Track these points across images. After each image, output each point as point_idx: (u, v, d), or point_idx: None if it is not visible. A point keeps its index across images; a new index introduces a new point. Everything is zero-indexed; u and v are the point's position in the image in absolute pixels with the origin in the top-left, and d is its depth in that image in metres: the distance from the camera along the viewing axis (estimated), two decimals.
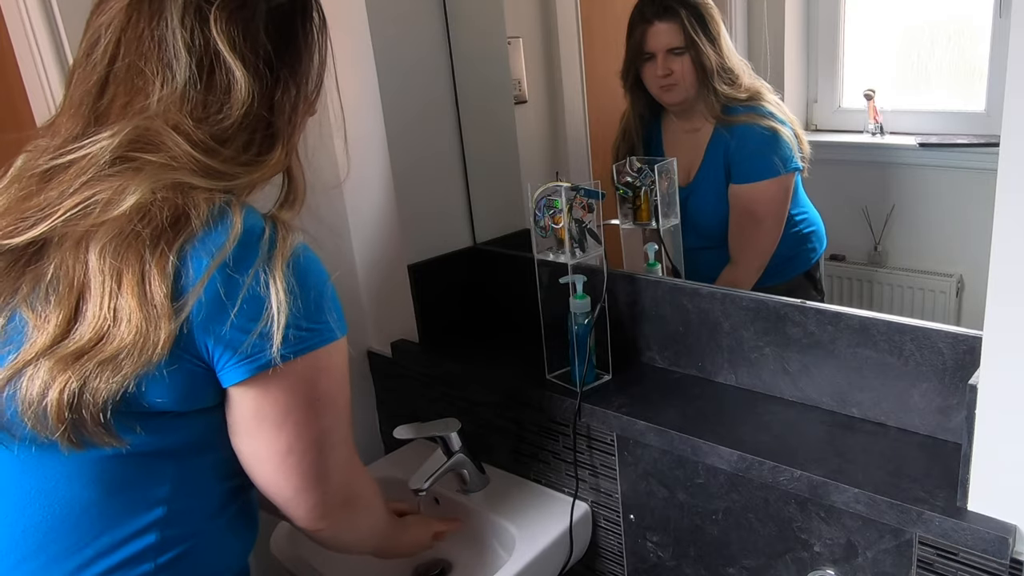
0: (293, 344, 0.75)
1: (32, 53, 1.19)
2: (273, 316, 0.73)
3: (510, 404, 1.34)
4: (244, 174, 0.80)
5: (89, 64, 0.80)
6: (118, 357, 0.71)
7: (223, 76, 0.79)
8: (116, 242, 0.71)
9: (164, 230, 0.72)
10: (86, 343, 0.71)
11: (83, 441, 0.74)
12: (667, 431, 1.08)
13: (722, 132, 1.36)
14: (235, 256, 0.73)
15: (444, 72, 1.42)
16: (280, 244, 0.75)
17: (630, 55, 1.38)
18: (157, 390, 0.74)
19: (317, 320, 0.78)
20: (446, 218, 1.48)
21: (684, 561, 1.17)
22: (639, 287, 1.24)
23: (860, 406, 1.05)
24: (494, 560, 1.24)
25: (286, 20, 0.83)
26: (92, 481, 0.77)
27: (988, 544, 0.84)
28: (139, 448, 0.77)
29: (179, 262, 0.72)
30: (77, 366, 0.71)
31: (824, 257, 1.42)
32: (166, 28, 0.78)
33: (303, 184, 0.86)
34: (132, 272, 0.71)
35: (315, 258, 0.80)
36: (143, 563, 0.79)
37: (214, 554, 0.86)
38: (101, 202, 0.73)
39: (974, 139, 1.26)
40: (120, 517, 0.78)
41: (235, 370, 0.75)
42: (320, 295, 0.78)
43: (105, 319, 0.71)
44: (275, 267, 0.74)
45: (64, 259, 0.73)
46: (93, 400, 0.71)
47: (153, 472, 0.79)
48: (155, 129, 0.76)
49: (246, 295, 0.73)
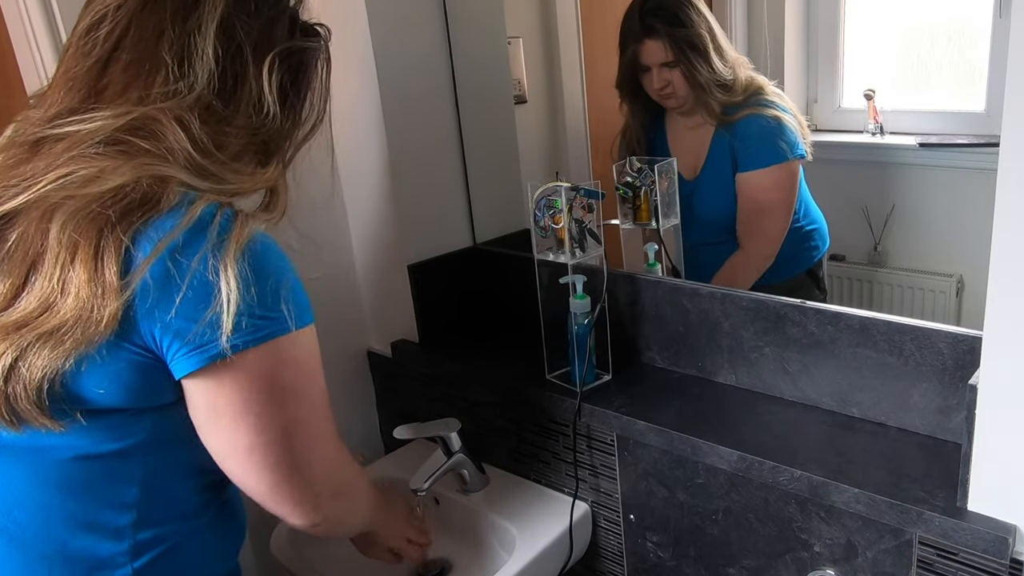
0: (245, 333, 0.72)
1: (22, 20, 1.18)
2: (223, 304, 0.71)
3: (510, 404, 1.34)
4: (234, 181, 0.79)
5: (90, 40, 0.79)
6: (60, 331, 0.69)
7: (245, 93, 0.80)
8: (80, 216, 0.70)
9: (130, 212, 0.71)
10: (29, 313, 0.70)
11: (16, 418, 0.72)
12: (667, 431, 1.08)
13: (725, 129, 1.36)
14: (183, 240, 0.71)
15: (444, 72, 1.42)
16: (235, 231, 0.73)
17: (626, 68, 1.40)
18: (97, 378, 0.72)
19: (272, 309, 0.75)
20: (446, 218, 1.48)
21: (684, 561, 1.17)
22: (639, 287, 1.24)
23: (860, 406, 1.05)
24: (494, 560, 1.24)
25: (307, 55, 0.87)
26: (53, 485, 0.76)
27: (988, 544, 0.84)
28: (99, 450, 0.76)
29: (131, 243, 0.71)
30: (16, 336, 0.69)
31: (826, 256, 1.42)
32: (197, 31, 0.78)
33: (285, 197, 0.86)
34: (88, 246, 0.70)
35: (275, 247, 0.78)
36: (119, 569, 0.78)
37: (196, 556, 0.84)
38: (82, 178, 0.72)
39: (974, 139, 1.26)
40: (87, 523, 0.77)
41: (185, 360, 0.73)
42: (277, 284, 0.75)
43: (53, 290, 0.70)
44: (227, 254, 0.72)
45: (27, 229, 0.72)
46: (28, 376, 0.70)
47: (118, 475, 0.77)
48: (158, 119, 0.76)
49: (192, 281, 0.70)
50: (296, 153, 0.90)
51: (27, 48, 1.20)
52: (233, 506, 0.90)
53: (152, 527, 0.79)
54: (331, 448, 0.84)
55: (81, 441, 0.76)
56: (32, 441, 0.75)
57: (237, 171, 0.80)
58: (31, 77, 1.22)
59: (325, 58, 0.90)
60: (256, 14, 0.82)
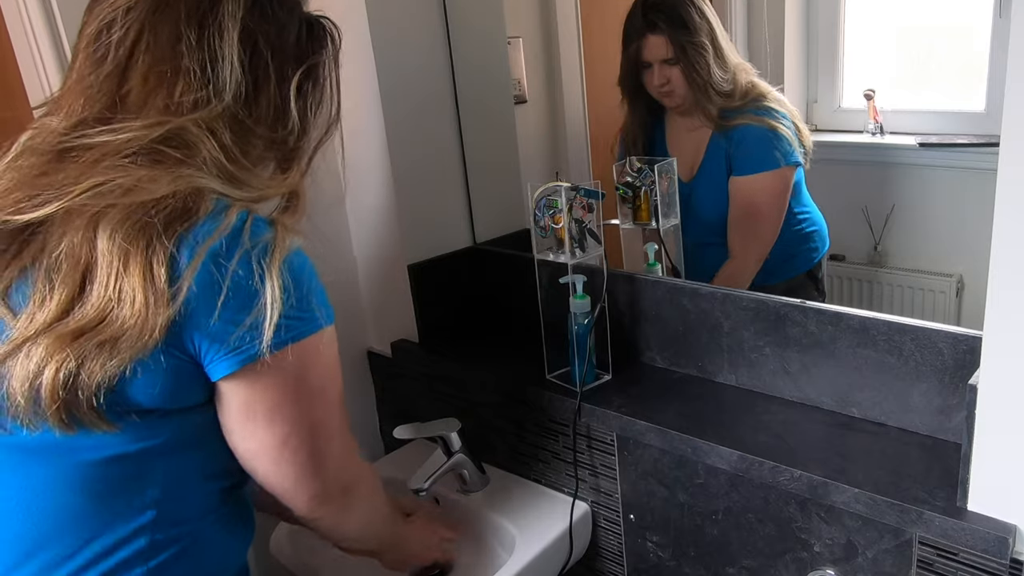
0: (282, 334, 0.75)
1: (26, 31, 1.17)
2: (266, 311, 0.73)
3: (510, 404, 1.34)
4: (259, 186, 0.82)
5: (101, 46, 0.79)
6: (118, 339, 0.70)
7: (268, 100, 0.82)
8: (127, 225, 0.71)
9: (174, 220, 0.72)
10: (87, 322, 0.71)
11: (75, 423, 0.73)
12: (667, 431, 1.08)
13: (722, 133, 1.37)
14: (224, 245, 0.73)
15: (444, 72, 1.42)
16: (279, 242, 0.76)
17: (629, 65, 1.40)
18: (146, 381, 0.74)
19: (306, 310, 0.78)
20: (446, 218, 1.48)
21: (684, 561, 1.17)
22: (639, 287, 1.24)
23: (860, 406, 1.05)
24: (494, 560, 1.24)
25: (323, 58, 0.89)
26: (76, 487, 0.77)
27: (988, 544, 0.84)
28: (125, 450, 0.77)
29: (176, 249, 0.72)
30: (76, 345, 0.70)
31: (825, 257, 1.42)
32: (218, 36, 0.79)
33: (306, 199, 0.88)
34: (140, 255, 0.71)
35: (307, 259, 0.81)
36: (135, 567, 0.78)
37: (209, 553, 0.85)
38: (121, 187, 0.73)
39: (974, 139, 1.26)
40: (109, 522, 0.77)
41: (223, 362, 0.75)
42: (310, 287, 0.79)
43: (110, 300, 0.71)
44: (272, 263, 0.74)
45: (72, 238, 0.72)
46: (88, 382, 0.71)
47: (141, 475, 0.78)
48: (191, 130, 0.77)
49: (234, 285, 0.72)
50: (315, 155, 0.91)
51: (31, 60, 1.20)
52: (245, 505, 0.91)
53: (168, 527, 0.80)
54: (344, 444, 0.88)
55: (109, 442, 0.76)
56: (58, 443, 0.76)
57: (260, 176, 0.83)
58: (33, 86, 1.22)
59: (335, 56, 0.91)
60: (273, 18, 0.83)
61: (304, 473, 0.83)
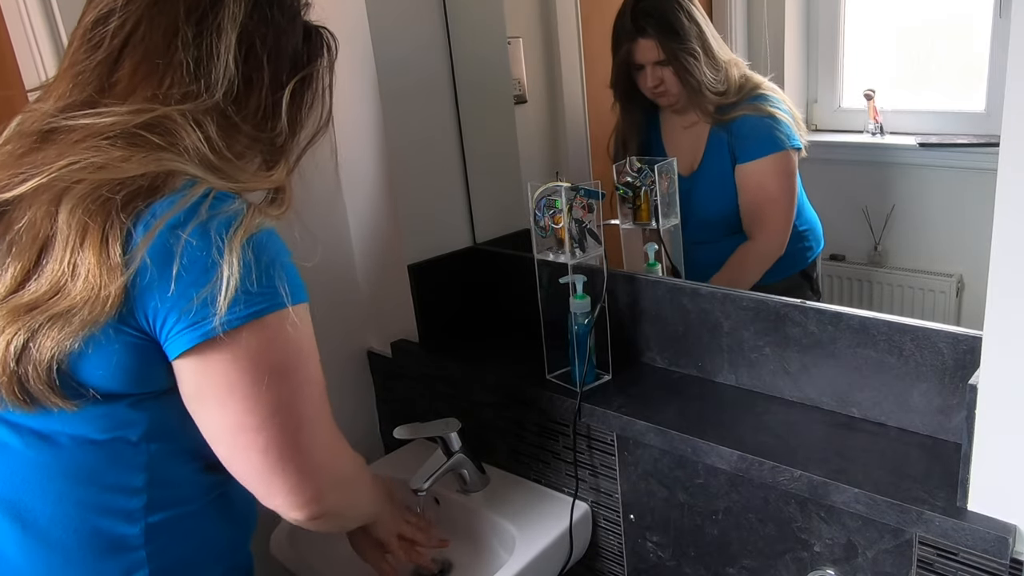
0: (239, 310, 0.73)
1: (20, 11, 1.17)
2: (222, 284, 0.71)
3: (510, 404, 1.34)
4: (242, 179, 0.81)
5: (97, 34, 0.79)
6: (70, 312, 0.70)
7: (259, 100, 0.83)
8: (89, 200, 0.71)
9: (136, 197, 0.72)
10: (40, 296, 0.71)
11: (29, 398, 0.73)
12: (667, 431, 1.08)
13: (721, 127, 1.37)
14: (183, 217, 0.72)
15: (444, 72, 1.42)
16: (247, 220, 0.74)
17: (620, 67, 1.41)
18: (98, 360, 0.73)
19: (267, 286, 0.75)
20: (446, 218, 1.48)
21: (684, 561, 1.17)
22: (639, 287, 1.24)
23: (860, 406, 1.05)
24: (494, 560, 1.24)
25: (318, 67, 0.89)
26: (59, 473, 0.77)
27: (988, 544, 0.84)
28: (99, 437, 0.77)
29: (132, 225, 0.72)
30: (28, 318, 0.71)
31: (823, 257, 1.42)
32: (216, 34, 0.79)
33: (291, 194, 0.87)
34: (97, 229, 0.71)
35: (277, 237, 0.79)
36: (133, 551, 0.79)
37: (205, 541, 0.85)
38: (93, 164, 0.73)
39: (974, 139, 1.26)
40: (98, 507, 0.78)
41: (180, 338, 0.73)
42: (271, 264, 0.76)
43: (64, 273, 0.71)
44: (234, 238, 0.73)
45: (35, 212, 0.73)
46: (39, 356, 0.71)
47: (122, 461, 0.78)
48: (175, 119, 0.77)
49: (189, 256, 0.71)
50: (302, 156, 0.91)
51: (25, 40, 1.20)
52: (240, 493, 0.88)
53: (162, 511, 0.81)
54: (326, 435, 0.83)
55: (83, 428, 0.77)
56: (38, 428, 0.76)
57: (245, 170, 0.82)
58: (28, 68, 1.22)
59: (330, 65, 0.91)
60: (273, 23, 0.83)
61: (271, 465, 0.77)
